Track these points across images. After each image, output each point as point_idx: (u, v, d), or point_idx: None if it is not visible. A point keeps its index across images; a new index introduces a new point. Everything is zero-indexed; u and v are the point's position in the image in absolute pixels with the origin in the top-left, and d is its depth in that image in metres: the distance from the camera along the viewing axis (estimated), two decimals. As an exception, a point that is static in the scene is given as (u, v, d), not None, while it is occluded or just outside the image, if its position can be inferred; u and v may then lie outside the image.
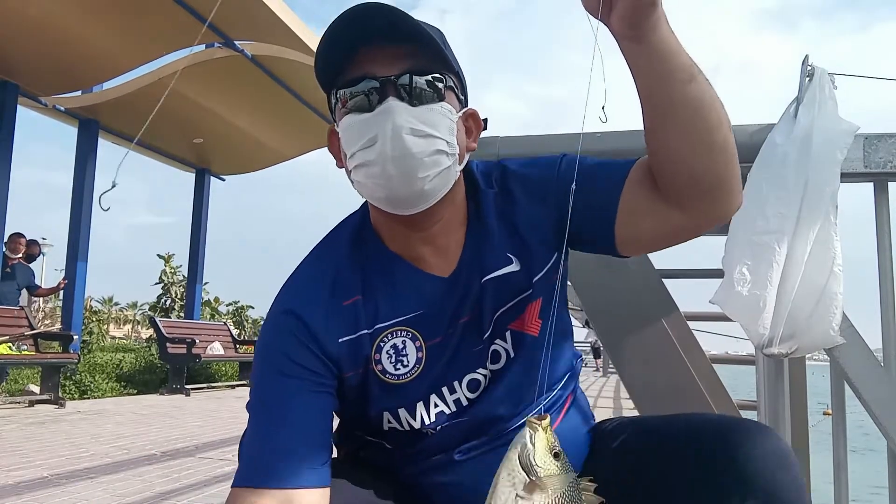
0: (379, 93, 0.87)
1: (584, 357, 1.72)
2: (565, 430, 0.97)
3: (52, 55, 7.86)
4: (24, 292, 8.42)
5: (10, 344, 6.84)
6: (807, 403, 1.78)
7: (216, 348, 9.47)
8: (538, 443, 0.66)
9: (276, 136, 11.26)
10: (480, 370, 0.95)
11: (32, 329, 7.15)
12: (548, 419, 0.70)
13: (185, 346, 8.71)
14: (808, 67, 1.48)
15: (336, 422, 0.97)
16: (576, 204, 0.89)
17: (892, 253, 1.46)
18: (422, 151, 0.86)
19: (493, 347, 0.95)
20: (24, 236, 8.35)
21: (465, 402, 0.95)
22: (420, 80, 0.88)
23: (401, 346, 0.94)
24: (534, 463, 0.66)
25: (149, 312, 22.85)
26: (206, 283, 14.92)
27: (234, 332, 11.56)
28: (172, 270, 20.22)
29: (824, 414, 5.23)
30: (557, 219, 0.94)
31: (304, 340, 0.90)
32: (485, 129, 1.00)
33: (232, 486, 0.86)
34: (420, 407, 0.94)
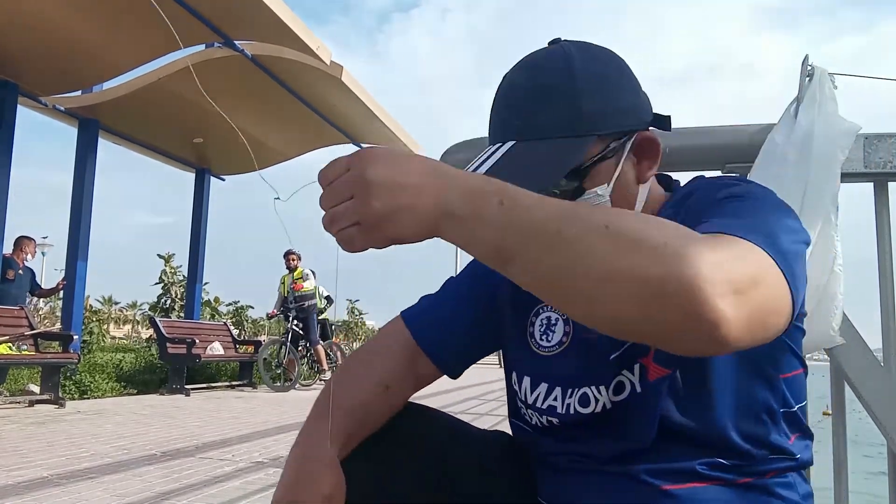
0: None
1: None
2: None
3: (52, 55, 7.85)
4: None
5: (10, 344, 6.84)
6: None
7: (216, 348, 9.47)
8: None
9: (276, 136, 11.25)
10: (595, 391, 0.88)
11: (32, 329, 7.15)
12: None
13: (185, 346, 8.71)
14: (808, 67, 1.48)
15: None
16: None
17: (892, 253, 1.46)
18: None
19: (618, 378, 0.87)
20: (33, 239, 8.59)
21: (571, 412, 0.90)
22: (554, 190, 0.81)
23: (553, 321, 0.96)
24: None
25: (149, 312, 22.85)
26: (206, 284, 14.92)
27: (234, 332, 11.54)
28: (172, 270, 20.22)
29: (823, 414, 5.23)
30: None
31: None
32: (668, 129, 0.87)
33: (401, 314, 1.04)
34: (542, 387, 0.93)
